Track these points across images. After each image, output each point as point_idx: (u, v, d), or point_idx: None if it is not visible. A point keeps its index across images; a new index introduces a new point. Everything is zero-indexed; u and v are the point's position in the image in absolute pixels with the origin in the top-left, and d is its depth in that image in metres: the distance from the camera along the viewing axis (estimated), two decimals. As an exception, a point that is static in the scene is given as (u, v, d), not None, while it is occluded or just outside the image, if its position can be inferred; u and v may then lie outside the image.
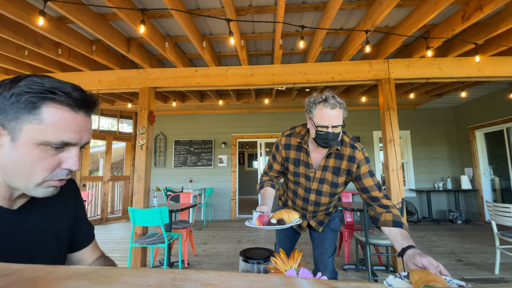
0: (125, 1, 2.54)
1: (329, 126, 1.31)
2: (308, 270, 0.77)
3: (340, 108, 1.32)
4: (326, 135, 1.32)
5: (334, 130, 1.32)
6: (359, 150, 1.44)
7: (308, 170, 1.50)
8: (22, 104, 0.55)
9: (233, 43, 2.84)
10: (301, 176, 1.53)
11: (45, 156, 0.57)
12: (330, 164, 1.46)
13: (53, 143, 0.57)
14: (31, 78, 0.57)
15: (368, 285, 0.33)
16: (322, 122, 1.31)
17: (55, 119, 0.56)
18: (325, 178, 1.48)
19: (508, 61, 3.58)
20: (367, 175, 1.41)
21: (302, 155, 1.50)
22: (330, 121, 1.30)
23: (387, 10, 2.50)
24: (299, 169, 1.52)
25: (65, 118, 0.58)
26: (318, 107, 1.34)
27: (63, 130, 0.57)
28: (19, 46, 3.34)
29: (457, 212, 6.04)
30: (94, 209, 6.46)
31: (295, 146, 1.52)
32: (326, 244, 1.67)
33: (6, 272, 0.33)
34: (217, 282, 0.33)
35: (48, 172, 0.59)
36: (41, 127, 0.55)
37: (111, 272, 0.35)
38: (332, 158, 1.46)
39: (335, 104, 1.30)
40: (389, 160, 3.42)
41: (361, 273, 3.23)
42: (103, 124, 6.70)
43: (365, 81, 3.79)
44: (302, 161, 1.50)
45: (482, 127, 5.81)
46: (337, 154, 1.45)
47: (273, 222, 1.17)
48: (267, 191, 1.52)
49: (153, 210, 2.99)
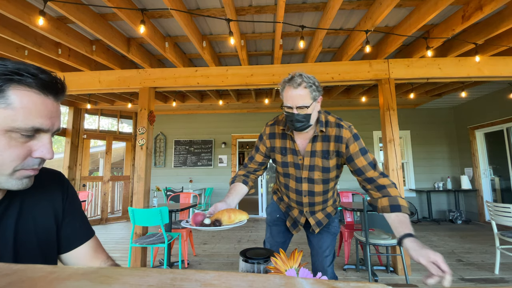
0: (125, 1, 2.54)
1: (293, 107, 1.24)
2: (308, 270, 0.77)
3: (306, 88, 1.21)
4: (291, 116, 1.25)
5: (300, 111, 1.23)
6: (345, 128, 1.32)
7: (296, 158, 1.41)
8: None
9: (233, 43, 2.84)
10: (290, 166, 1.44)
11: (14, 144, 0.53)
12: (317, 149, 1.36)
13: (23, 130, 0.52)
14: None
15: (368, 285, 0.33)
16: (287, 102, 1.25)
17: (24, 102, 0.51)
18: (315, 165, 1.38)
19: (508, 61, 3.58)
20: (359, 154, 1.29)
21: (288, 142, 1.42)
22: (293, 101, 1.23)
23: (387, 10, 2.50)
24: (286, 158, 1.44)
25: (35, 102, 0.53)
26: (285, 88, 1.26)
27: (33, 115, 0.53)
28: (19, 46, 3.34)
29: (457, 212, 6.04)
30: (94, 209, 6.46)
31: (279, 134, 1.44)
32: (326, 251, 1.55)
33: (6, 272, 0.33)
34: (217, 282, 0.33)
35: (18, 162, 0.54)
36: (8, 112, 0.50)
37: (111, 272, 0.35)
38: (319, 142, 1.36)
39: (300, 82, 1.21)
40: (389, 160, 3.42)
41: (361, 273, 3.23)
42: (103, 124, 6.71)
43: (365, 81, 3.79)
44: (288, 149, 1.42)
45: (482, 127, 5.81)
46: (324, 137, 1.35)
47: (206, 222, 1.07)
48: (235, 187, 1.40)
49: (153, 210, 2.99)
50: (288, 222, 1.64)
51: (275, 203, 1.69)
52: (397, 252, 3.15)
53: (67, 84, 2.70)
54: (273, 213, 1.69)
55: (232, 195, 1.33)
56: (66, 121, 6.21)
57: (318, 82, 1.27)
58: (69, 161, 5.93)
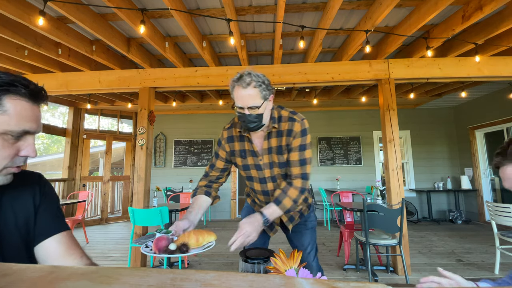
0: (125, 1, 2.54)
1: (244, 107, 1.20)
2: (308, 270, 0.77)
3: (255, 87, 1.18)
4: (243, 117, 1.23)
5: (251, 112, 1.20)
6: (297, 122, 1.30)
7: (256, 159, 1.37)
8: None
9: (233, 43, 2.84)
10: (251, 169, 1.40)
11: (6, 145, 0.61)
12: (272, 145, 1.34)
13: (15, 132, 0.61)
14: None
15: (368, 285, 0.33)
16: (238, 103, 1.22)
17: (17, 109, 0.61)
18: (272, 161, 1.35)
19: (508, 61, 3.58)
20: (297, 149, 1.29)
21: (246, 144, 1.38)
22: (243, 101, 1.19)
23: (387, 10, 2.50)
24: (247, 160, 1.39)
25: (26, 109, 0.62)
26: (235, 88, 1.22)
27: (24, 120, 0.62)
28: (19, 46, 3.34)
29: (457, 212, 6.04)
30: (94, 209, 6.46)
31: (237, 137, 1.40)
32: (307, 248, 1.52)
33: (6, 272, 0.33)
34: (217, 282, 0.33)
35: (8, 160, 0.62)
36: (4, 117, 0.59)
37: (111, 272, 0.35)
38: (273, 138, 1.33)
39: (249, 82, 1.17)
40: (389, 160, 3.42)
41: (361, 273, 3.23)
42: (103, 124, 6.71)
43: (365, 81, 3.79)
44: (248, 151, 1.38)
45: (482, 127, 5.81)
46: (277, 132, 1.32)
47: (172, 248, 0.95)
48: (198, 200, 1.33)
49: (153, 210, 2.99)
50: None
51: (249, 206, 1.65)
52: (397, 252, 3.15)
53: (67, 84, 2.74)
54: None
55: (194, 210, 1.26)
56: (66, 121, 6.21)
57: (268, 80, 1.24)
58: (69, 161, 5.93)
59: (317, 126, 6.77)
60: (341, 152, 6.67)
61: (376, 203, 3.34)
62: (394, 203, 3.26)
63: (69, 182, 5.92)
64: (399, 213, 2.85)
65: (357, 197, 6.09)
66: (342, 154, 6.67)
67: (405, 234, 3.23)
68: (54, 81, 3.97)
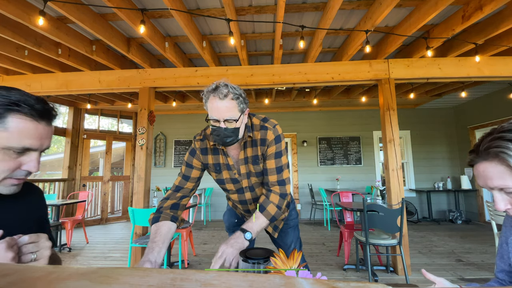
0: (125, 1, 2.54)
1: (220, 120, 1.13)
2: (308, 270, 0.77)
3: (233, 99, 1.12)
4: (218, 130, 1.14)
5: (228, 125, 1.13)
6: (269, 130, 1.26)
7: (231, 173, 1.32)
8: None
9: (233, 43, 2.84)
10: (226, 183, 1.35)
11: (7, 158, 0.64)
12: (248, 155, 1.28)
13: (15, 148, 0.64)
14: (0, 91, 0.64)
15: (368, 285, 0.33)
16: (213, 115, 1.13)
17: (19, 127, 0.64)
18: (249, 171, 1.31)
19: (508, 61, 3.58)
20: (272, 156, 1.25)
21: (221, 157, 1.31)
22: (219, 113, 1.12)
23: (387, 10, 2.50)
24: (222, 175, 1.34)
25: (28, 127, 0.65)
26: (210, 98, 1.14)
27: (25, 137, 0.64)
28: (19, 46, 3.34)
29: (457, 212, 6.04)
30: (94, 209, 6.45)
31: (211, 150, 1.32)
32: (291, 246, 1.50)
33: (6, 272, 0.33)
34: (217, 282, 0.33)
35: (8, 172, 0.66)
36: (5, 134, 0.63)
37: (111, 272, 0.35)
38: (249, 148, 1.28)
39: (226, 93, 1.11)
40: (389, 160, 3.42)
41: (361, 273, 3.23)
42: (103, 124, 6.70)
43: (365, 81, 3.79)
44: (222, 165, 1.32)
45: (482, 127, 5.81)
46: (252, 141, 1.27)
47: None
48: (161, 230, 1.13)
49: (153, 210, 2.98)
50: None
51: (231, 209, 1.62)
52: (397, 252, 3.16)
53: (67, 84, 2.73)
54: (231, 219, 1.63)
55: (158, 245, 1.06)
56: (66, 121, 6.21)
57: (245, 93, 1.20)
58: (69, 161, 5.93)
59: (317, 126, 6.77)
60: (341, 152, 6.67)
61: (376, 203, 3.34)
62: (394, 203, 3.26)
63: (69, 182, 5.92)
64: (399, 213, 2.85)
65: (357, 197, 6.09)
66: (342, 154, 6.67)
67: (405, 234, 3.23)
68: (54, 81, 3.98)
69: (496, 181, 0.67)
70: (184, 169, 1.34)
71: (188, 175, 1.32)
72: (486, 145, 0.68)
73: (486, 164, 0.69)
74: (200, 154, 1.33)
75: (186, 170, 1.33)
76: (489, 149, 0.67)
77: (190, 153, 1.34)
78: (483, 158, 0.69)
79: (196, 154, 1.33)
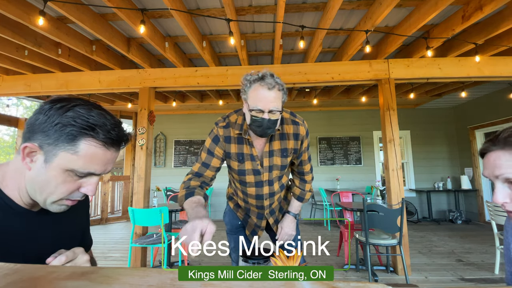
0: (125, 1, 2.54)
1: (264, 111, 1.10)
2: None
3: (279, 90, 1.12)
4: (261, 121, 1.11)
5: (271, 117, 1.11)
6: (301, 125, 1.29)
7: (255, 164, 1.28)
8: (64, 135, 0.59)
9: (233, 43, 2.84)
10: (248, 174, 1.30)
11: (69, 180, 0.62)
12: (275, 148, 1.27)
13: (80, 173, 0.62)
14: (79, 109, 0.60)
15: (368, 285, 0.33)
16: (257, 105, 1.10)
17: (88, 153, 0.61)
18: (273, 164, 1.30)
19: (508, 61, 3.58)
20: (305, 150, 1.35)
21: (245, 147, 1.27)
22: (266, 104, 1.09)
23: (387, 10, 2.50)
24: (244, 165, 1.29)
25: (97, 154, 0.62)
26: (254, 87, 1.12)
27: (92, 163, 0.62)
28: (19, 46, 3.34)
29: (457, 212, 6.04)
30: (94, 209, 6.45)
31: (235, 139, 1.27)
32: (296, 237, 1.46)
33: (6, 272, 0.33)
34: (217, 282, 0.33)
35: (67, 194, 0.64)
36: (74, 157, 0.60)
37: (111, 272, 0.35)
38: (276, 141, 1.27)
39: (273, 84, 1.09)
40: (389, 160, 3.42)
41: (361, 273, 3.23)
42: (103, 124, 6.70)
43: (365, 81, 3.79)
44: (246, 155, 1.27)
45: (482, 127, 5.80)
46: (281, 135, 1.27)
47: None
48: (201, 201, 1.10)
49: (153, 210, 2.99)
50: (247, 231, 1.51)
51: (232, 211, 1.54)
52: (397, 252, 3.15)
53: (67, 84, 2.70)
54: (233, 221, 1.53)
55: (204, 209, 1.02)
56: (66, 121, 6.20)
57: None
58: (69, 161, 5.92)
59: (317, 126, 6.77)
60: (341, 152, 6.67)
61: (376, 203, 3.34)
62: (394, 203, 3.26)
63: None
64: (399, 213, 2.85)
65: (357, 197, 6.09)
66: (342, 154, 6.67)
67: (405, 234, 3.23)
68: (54, 81, 3.97)
69: (504, 169, 0.67)
70: (204, 157, 1.29)
71: (208, 163, 1.28)
72: (508, 133, 0.68)
73: (500, 153, 0.68)
74: (224, 142, 1.28)
75: (206, 158, 1.29)
76: (510, 137, 0.67)
77: (213, 140, 1.29)
78: (499, 147, 0.69)
79: (220, 141, 1.28)
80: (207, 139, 1.32)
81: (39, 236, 0.68)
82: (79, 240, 0.82)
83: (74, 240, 0.79)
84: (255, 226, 1.48)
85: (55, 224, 0.73)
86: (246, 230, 1.52)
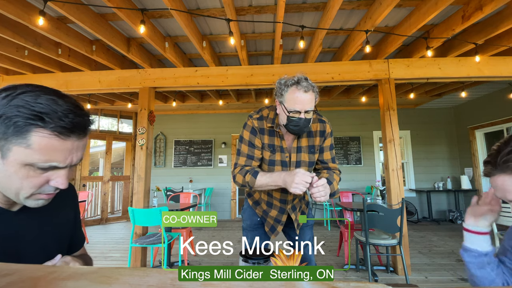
0: (125, 1, 2.54)
1: (301, 111, 1.22)
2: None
3: (313, 92, 1.24)
4: (298, 121, 1.24)
5: (307, 116, 1.24)
6: (327, 123, 1.43)
7: (283, 155, 1.39)
8: (11, 127, 0.53)
9: (233, 43, 2.84)
10: (276, 165, 1.40)
11: (33, 174, 0.57)
12: (303, 144, 1.39)
13: (40, 166, 0.56)
14: (24, 96, 0.54)
15: (368, 285, 0.33)
16: (295, 106, 1.22)
17: (42, 145, 0.54)
18: (301, 160, 1.40)
19: (508, 61, 3.58)
20: (328, 148, 1.42)
21: (276, 139, 1.38)
22: (303, 105, 1.22)
23: (387, 10, 2.50)
24: (274, 156, 1.39)
25: (52, 145, 0.55)
26: (290, 90, 1.23)
27: (50, 156, 0.56)
28: (19, 46, 3.34)
29: (457, 212, 6.04)
30: (94, 209, 6.45)
31: (267, 131, 1.39)
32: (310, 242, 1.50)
33: (6, 272, 0.33)
34: (217, 282, 0.33)
35: (35, 188, 0.59)
36: (28, 151, 0.54)
37: (111, 272, 0.35)
38: (304, 138, 1.39)
39: (308, 87, 1.21)
40: (389, 160, 3.42)
41: (361, 273, 3.23)
42: (103, 124, 6.70)
43: (365, 81, 3.79)
44: (276, 146, 1.38)
45: (482, 127, 5.80)
46: (308, 132, 1.39)
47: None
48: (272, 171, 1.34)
49: (153, 210, 2.99)
50: (267, 227, 1.55)
51: (251, 208, 1.58)
52: (397, 252, 3.15)
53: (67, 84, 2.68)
54: (253, 217, 1.57)
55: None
56: (66, 121, 6.20)
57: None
58: (69, 161, 5.92)
59: (317, 126, 6.76)
60: (341, 152, 6.67)
61: (376, 203, 3.34)
62: (394, 203, 3.26)
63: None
64: (399, 213, 2.85)
65: (357, 197, 6.09)
66: (342, 154, 6.67)
67: (405, 234, 3.23)
68: (54, 81, 3.97)
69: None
70: (247, 149, 1.37)
71: (252, 155, 1.37)
72: (505, 158, 0.66)
73: (505, 177, 0.67)
74: (259, 133, 1.38)
75: (249, 150, 1.37)
76: (508, 162, 0.66)
77: (251, 132, 1.37)
78: (501, 171, 0.68)
79: (257, 133, 1.37)
80: (244, 132, 1.39)
81: (19, 235, 0.65)
82: (67, 238, 0.79)
83: (62, 238, 0.76)
84: (275, 221, 1.49)
85: (38, 222, 0.69)
86: (265, 227, 1.55)
